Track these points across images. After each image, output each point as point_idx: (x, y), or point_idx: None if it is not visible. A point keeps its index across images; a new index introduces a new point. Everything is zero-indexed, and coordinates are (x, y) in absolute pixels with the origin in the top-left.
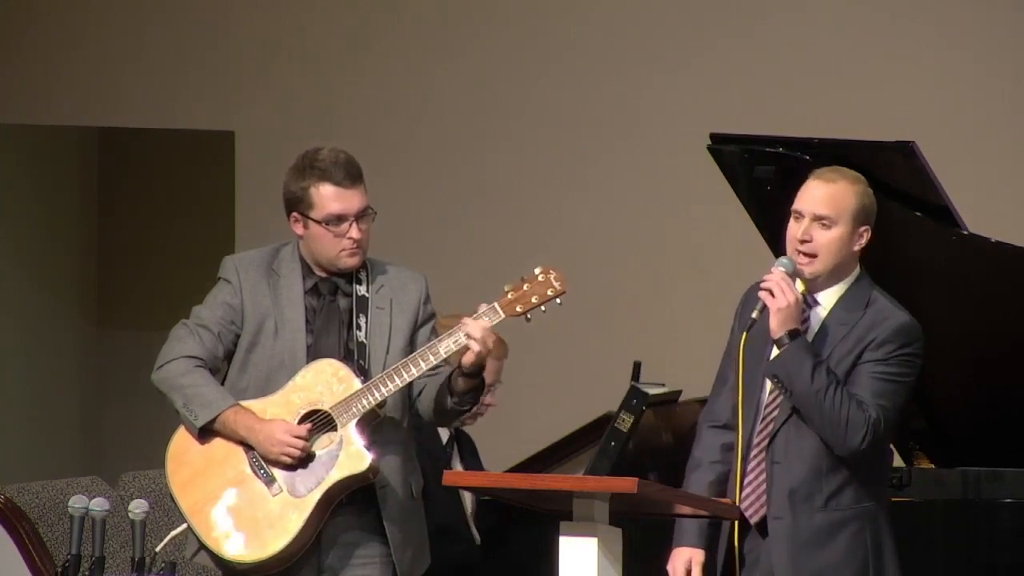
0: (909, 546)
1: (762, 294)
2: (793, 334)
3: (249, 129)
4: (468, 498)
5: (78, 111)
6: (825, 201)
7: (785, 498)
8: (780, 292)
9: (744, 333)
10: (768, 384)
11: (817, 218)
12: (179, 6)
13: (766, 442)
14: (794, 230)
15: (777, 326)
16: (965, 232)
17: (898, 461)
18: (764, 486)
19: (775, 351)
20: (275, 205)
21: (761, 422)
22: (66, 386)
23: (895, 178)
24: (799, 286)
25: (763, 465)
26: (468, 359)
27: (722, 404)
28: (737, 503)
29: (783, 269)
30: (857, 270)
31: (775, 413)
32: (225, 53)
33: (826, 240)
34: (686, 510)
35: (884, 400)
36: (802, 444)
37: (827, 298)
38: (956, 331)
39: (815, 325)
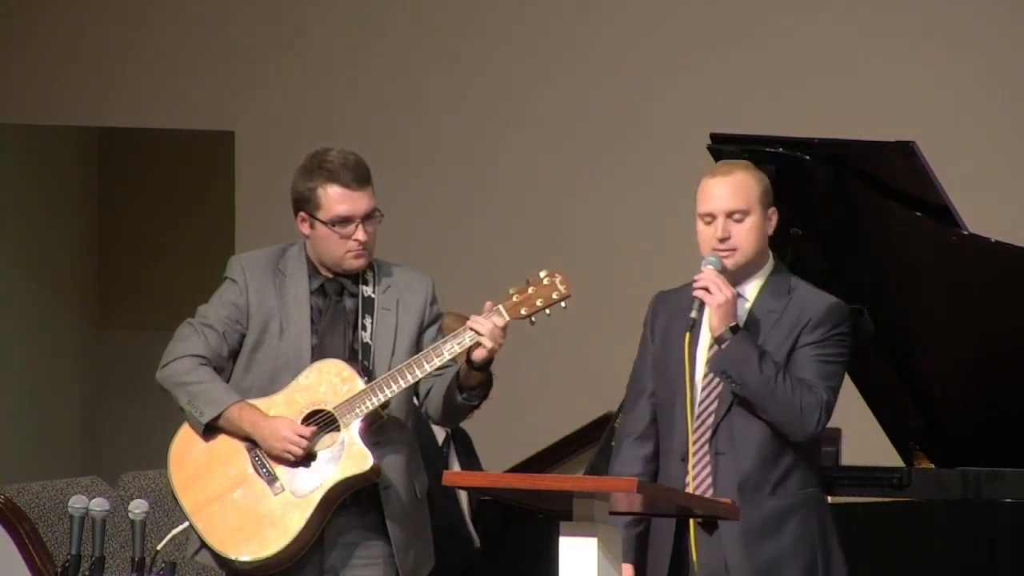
0: (909, 546)
1: (698, 292)
2: (734, 329)
3: (249, 129)
4: (465, 498)
5: (78, 111)
6: (732, 195)
7: (735, 490)
8: (716, 289)
9: (687, 333)
10: (698, 380)
11: (730, 214)
12: (179, 6)
13: (708, 435)
14: (709, 232)
15: (718, 322)
16: (965, 232)
17: (898, 461)
18: (710, 479)
19: (712, 348)
20: (275, 205)
21: (696, 419)
22: (66, 386)
23: (895, 178)
24: None
25: (707, 459)
26: (479, 354)
27: (639, 415)
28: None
29: (712, 267)
30: (772, 259)
31: (713, 406)
32: (225, 53)
33: (744, 231)
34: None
35: (829, 381)
36: (747, 434)
37: (750, 290)
38: (956, 331)
39: (743, 316)
